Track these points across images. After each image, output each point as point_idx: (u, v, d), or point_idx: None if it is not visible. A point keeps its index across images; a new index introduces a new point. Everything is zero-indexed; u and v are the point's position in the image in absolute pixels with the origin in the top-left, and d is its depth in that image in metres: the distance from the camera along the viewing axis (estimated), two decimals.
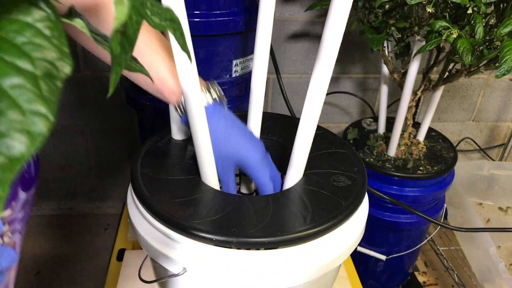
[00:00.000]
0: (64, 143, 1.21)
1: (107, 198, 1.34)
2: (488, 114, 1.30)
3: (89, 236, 1.25)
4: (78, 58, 1.07)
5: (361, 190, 0.48)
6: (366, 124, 1.03)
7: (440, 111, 1.27)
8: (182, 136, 0.57)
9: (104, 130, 1.19)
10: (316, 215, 0.43)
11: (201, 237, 0.41)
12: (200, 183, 0.48)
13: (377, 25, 0.79)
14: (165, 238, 0.44)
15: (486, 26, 0.64)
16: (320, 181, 0.49)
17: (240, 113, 0.65)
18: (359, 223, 0.48)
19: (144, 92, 0.64)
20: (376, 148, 0.94)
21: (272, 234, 0.40)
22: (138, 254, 0.76)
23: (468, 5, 0.62)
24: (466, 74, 0.75)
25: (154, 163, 0.51)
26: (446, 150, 0.93)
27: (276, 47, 1.07)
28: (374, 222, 0.92)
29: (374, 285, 1.06)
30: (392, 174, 0.85)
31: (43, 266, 1.14)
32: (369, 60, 1.14)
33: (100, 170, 1.27)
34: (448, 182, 0.91)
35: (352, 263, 0.78)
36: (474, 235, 0.91)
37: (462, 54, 0.62)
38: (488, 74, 1.21)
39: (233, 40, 0.74)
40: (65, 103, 1.13)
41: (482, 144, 1.36)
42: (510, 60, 0.57)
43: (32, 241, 1.22)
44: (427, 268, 1.16)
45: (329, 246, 0.44)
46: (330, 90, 1.14)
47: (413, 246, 0.96)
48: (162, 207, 0.43)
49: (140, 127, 0.89)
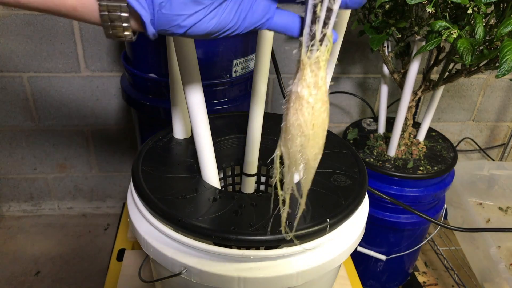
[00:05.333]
0: (64, 143, 1.21)
1: (107, 198, 1.34)
2: (488, 114, 1.30)
3: (89, 236, 1.25)
4: (78, 58, 1.07)
5: (362, 190, 0.48)
6: (366, 124, 1.03)
7: (440, 111, 1.27)
8: (183, 135, 0.57)
9: (104, 130, 1.19)
10: (316, 214, 0.43)
11: (201, 234, 0.41)
12: (200, 182, 0.48)
13: (377, 25, 0.79)
14: (165, 237, 0.44)
15: (486, 26, 0.64)
16: (321, 181, 0.49)
17: (240, 113, 0.65)
18: (359, 223, 0.48)
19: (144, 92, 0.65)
20: (376, 148, 0.94)
21: (272, 233, 0.40)
22: (138, 254, 0.76)
23: (468, 5, 0.62)
24: (466, 74, 0.75)
25: (155, 161, 0.51)
26: (446, 150, 0.94)
27: (276, 47, 1.07)
28: (374, 222, 0.92)
29: (374, 285, 1.06)
30: (392, 174, 0.85)
31: (43, 266, 1.14)
32: (369, 60, 1.14)
33: (100, 170, 1.27)
34: (448, 182, 0.91)
35: (352, 263, 0.78)
36: (474, 235, 0.91)
37: (462, 54, 0.62)
38: (488, 74, 1.21)
39: (233, 40, 0.74)
40: (65, 103, 1.13)
41: (482, 144, 1.36)
42: (510, 60, 0.57)
43: (32, 241, 1.22)
44: (427, 268, 1.16)
45: (329, 246, 0.44)
46: (330, 90, 1.14)
47: (413, 246, 0.96)
48: (163, 205, 0.44)
49: (140, 127, 0.89)
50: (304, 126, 0.31)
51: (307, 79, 0.30)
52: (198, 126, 0.46)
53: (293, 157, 0.33)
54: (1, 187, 1.28)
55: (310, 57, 0.30)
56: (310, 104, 0.31)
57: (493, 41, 0.64)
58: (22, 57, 1.05)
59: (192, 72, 0.44)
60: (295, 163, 0.33)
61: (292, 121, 0.32)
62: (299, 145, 0.32)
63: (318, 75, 0.30)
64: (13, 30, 1.01)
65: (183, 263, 0.42)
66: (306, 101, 0.31)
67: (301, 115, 0.31)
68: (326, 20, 0.29)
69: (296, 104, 0.31)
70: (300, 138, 0.32)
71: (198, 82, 0.45)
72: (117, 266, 0.74)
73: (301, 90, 0.30)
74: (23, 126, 1.17)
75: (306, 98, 0.31)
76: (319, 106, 0.31)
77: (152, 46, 0.75)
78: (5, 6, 0.32)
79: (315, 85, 0.30)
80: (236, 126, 0.61)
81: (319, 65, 0.30)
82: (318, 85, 0.30)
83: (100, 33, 1.04)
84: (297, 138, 0.32)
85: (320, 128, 0.32)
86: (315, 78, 0.30)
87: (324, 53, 0.30)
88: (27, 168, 1.25)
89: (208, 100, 0.71)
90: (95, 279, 1.11)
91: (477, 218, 0.91)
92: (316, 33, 0.29)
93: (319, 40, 0.29)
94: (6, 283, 1.08)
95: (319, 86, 0.31)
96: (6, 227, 1.27)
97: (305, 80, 0.30)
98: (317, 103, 0.31)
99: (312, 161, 0.33)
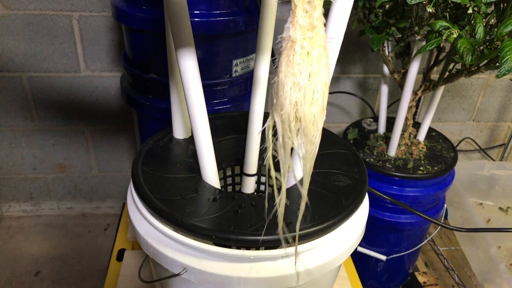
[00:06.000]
0: (64, 143, 1.21)
1: (107, 198, 1.34)
2: (488, 114, 1.30)
3: (89, 236, 1.25)
4: (78, 58, 1.07)
5: (362, 190, 0.48)
6: (366, 124, 1.03)
7: (441, 111, 1.27)
8: (183, 135, 0.57)
9: (104, 130, 1.19)
10: (316, 214, 0.43)
11: (201, 235, 0.41)
12: (200, 182, 0.48)
13: (377, 25, 0.79)
14: (165, 237, 0.44)
15: (487, 26, 0.64)
16: (321, 181, 0.49)
17: (240, 113, 0.65)
18: (360, 223, 0.48)
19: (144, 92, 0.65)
20: (376, 148, 0.94)
21: (272, 233, 0.40)
22: (138, 254, 0.76)
23: (468, 5, 0.62)
24: (466, 74, 0.74)
25: (155, 161, 0.51)
26: (446, 150, 0.93)
27: (276, 45, 1.07)
28: (374, 222, 0.92)
29: (374, 285, 1.06)
30: (392, 174, 0.85)
31: (43, 266, 1.14)
32: (369, 60, 1.14)
33: (100, 170, 1.27)
34: (448, 182, 0.91)
35: (352, 263, 0.78)
36: (474, 235, 0.91)
37: (463, 54, 0.62)
38: (488, 74, 1.21)
39: (233, 40, 0.74)
40: (65, 103, 1.13)
41: (482, 144, 1.36)
42: (511, 60, 0.57)
43: (32, 241, 1.22)
44: (428, 268, 1.16)
45: (329, 246, 0.44)
46: (330, 90, 1.14)
47: (413, 246, 0.96)
48: (163, 205, 0.43)
49: (140, 127, 0.89)
50: (298, 76, 0.26)
51: (299, 20, 0.26)
52: (198, 126, 0.46)
53: (286, 120, 0.27)
54: (1, 187, 1.28)
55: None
56: (305, 48, 0.26)
57: (493, 41, 0.64)
58: (22, 57, 1.05)
59: (187, 38, 0.44)
60: (289, 129, 0.27)
61: (284, 73, 0.26)
62: (293, 104, 0.27)
63: (312, 15, 0.26)
64: (13, 30, 1.01)
65: (183, 263, 0.42)
66: (300, 45, 0.26)
67: (295, 63, 0.26)
68: None
69: (288, 51, 0.26)
70: (295, 93, 0.26)
71: (191, 47, 0.44)
72: (117, 266, 0.74)
73: (294, 33, 0.26)
74: (23, 126, 1.17)
75: (300, 42, 0.26)
76: (316, 52, 0.26)
77: (152, 46, 0.75)
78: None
79: (309, 26, 0.26)
80: (236, 126, 0.61)
81: (314, 3, 0.25)
82: (313, 26, 0.26)
83: (100, 33, 1.04)
84: (290, 94, 0.26)
85: (319, 79, 0.27)
86: (310, 18, 0.26)
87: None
88: (26, 168, 1.25)
89: (208, 100, 0.71)
90: (95, 279, 1.10)
91: (477, 218, 0.91)
92: None
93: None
94: (6, 283, 1.08)
95: (315, 27, 0.26)
96: (5, 227, 1.27)
97: (297, 21, 0.26)
98: (313, 49, 0.26)
99: (311, 124, 0.27)
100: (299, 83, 0.26)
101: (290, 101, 0.26)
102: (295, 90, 0.26)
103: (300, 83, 0.26)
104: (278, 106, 0.27)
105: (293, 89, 0.26)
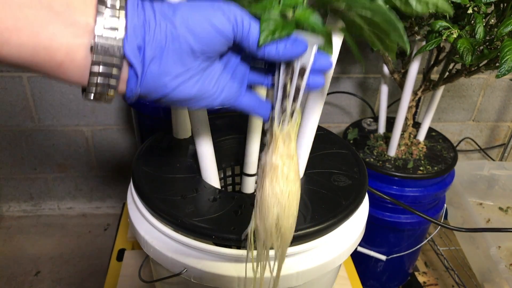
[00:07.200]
0: (64, 143, 1.21)
1: (107, 198, 1.34)
2: (488, 114, 1.30)
3: (89, 236, 1.25)
4: None
5: (362, 190, 0.48)
6: (366, 124, 1.03)
7: (440, 111, 1.27)
8: (183, 135, 0.57)
9: (104, 130, 1.19)
10: (316, 214, 0.43)
11: (201, 234, 0.41)
12: (200, 182, 0.48)
13: None
14: (165, 237, 0.44)
15: (487, 26, 0.64)
16: (321, 181, 0.49)
17: (240, 113, 0.65)
18: (359, 223, 0.48)
19: None
20: (376, 148, 0.94)
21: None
22: (138, 254, 0.76)
23: (468, 5, 0.62)
24: (466, 74, 0.75)
25: (155, 161, 0.51)
26: (446, 150, 0.93)
27: None
28: (374, 222, 0.92)
29: (374, 285, 1.06)
30: (392, 174, 0.85)
31: (43, 266, 1.14)
32: (369, 60, 1.14)
33: (100, 170, 1.27)
34: (448, 182, 0.91)
35: (352, 263, 0.78)
36: (474, 235, 0.91)
37: (463, 54, 0.62)
38: (488, 74, 1.21)
39: None
40: (65, 103, 1.13)
41: (482, 144, 1.36)
42: (511, 60, 0.57)
43: (32, 241, 1.22)
44: (427, 268, 1.16)
45: (329, 246, 0.44)
46: (330, 90, 1.14)
47: (413, 246, 0.96)
48: (162, 205, 0.43)
49: (140, 127, 0.89)
50: (280, 195, 0.32)
51: (280, 150, 0.32)
52: (198, 126, 0.46)
53: (269, 229, 0.33)
54: (1, 187, 1.28)
55: (282, 130, 0.32)
56: (284, 173, 0.32)
57: (493, 41, 0.64)
58: None
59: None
60: (271, 236, 0.34)
61: (268, 191, 0.33)
62: (275, 216, 0.33)
63: (290, 146, 0.33)
64: None
65: (183, 263, 0.42)
66: (281, 170, 0.32)
67: (277, 184, 0.32)
68: (296, 96, 0.32)
69: (271, 174, 0.33)
70: (277, 208, 0.33)
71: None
72: (117, 266, 0.74)
73: (276, 160, 0.32)
74: (23, 126, 1.17)
75: (281, 168, 0.32)
76: (292, 175, 0.33)
77: None
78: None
79: (288, 155, 0.33)
80: (236, 126, 0.61)
81: (291, 137, 0.33)
82: (291, 155, 0.33)
83: None
84: (273, 208, 0.33)
85: (294, 197, 0.33)
86: (288, 149, 0.33)
87: (294, 126, 0.33)
88: (27, 168, 1.25)
89: None
90: (95, 279, 1.11)
91: (477, 218, 0.91)
92: (287, 108, 0.32)
93: (289, 114, 0.32)
94: (6, 283, 1.08)
95: (292, 156, 0.33)
96: (6, 227, 1.27)
97: (278, 151, 0.32)
98: (291, 173, 0.33)
99: (288, 232, 0.34)
100: (281, 202, 0.33)
101: (273, 215, 0.33)
102: (277, 207, 0.33)
103: (282, 202, 0.33)
104: (262, 217, 0.33)
105: (275, 206, 0.33)
